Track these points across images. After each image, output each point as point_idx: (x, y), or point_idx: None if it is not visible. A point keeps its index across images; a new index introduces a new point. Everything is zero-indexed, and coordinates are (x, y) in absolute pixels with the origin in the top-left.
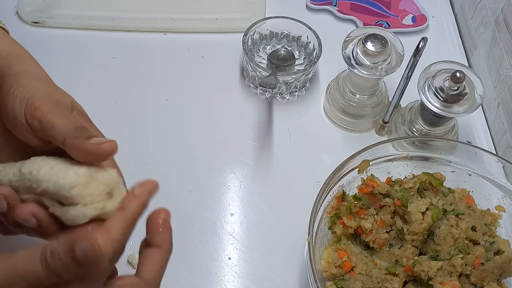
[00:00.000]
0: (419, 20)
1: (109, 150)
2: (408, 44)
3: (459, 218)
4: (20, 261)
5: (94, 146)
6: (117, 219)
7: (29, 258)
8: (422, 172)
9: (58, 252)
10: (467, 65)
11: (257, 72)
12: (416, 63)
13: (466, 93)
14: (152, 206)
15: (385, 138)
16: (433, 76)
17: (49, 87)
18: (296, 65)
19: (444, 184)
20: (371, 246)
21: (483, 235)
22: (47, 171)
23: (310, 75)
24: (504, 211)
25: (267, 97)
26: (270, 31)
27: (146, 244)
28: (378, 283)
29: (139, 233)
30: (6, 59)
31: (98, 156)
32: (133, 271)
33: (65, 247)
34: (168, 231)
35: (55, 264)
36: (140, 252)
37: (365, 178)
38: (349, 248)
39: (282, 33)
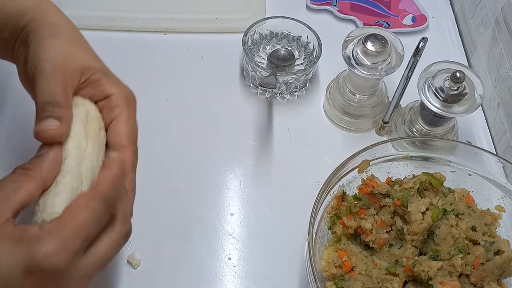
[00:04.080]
0: (419, 20)
1: (50, 138)
2: (408, 44)
3: (459, 218)
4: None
5: (38, 128)
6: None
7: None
8: (422, 172)
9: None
10: (467, 65)
11: (257, 72)
12: (416, 63)
13: (466, 93)
14: (152, 206)
15: (385, 138)
16: (433, 76)
17: (71, 45)
18: (296, 65)
19: (444, 184)
20: (371, 246)
21: (483, 235)
22: None
23: (310, 75)
24: (504, 211)
25: (267, 97)
26: (270, 31)
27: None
28: (378, 283)
29: (139, 232)
30: (33, 13)
31: (40, 139)
32: (133, 272)
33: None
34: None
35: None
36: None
37: (365, 178)
38: (349, 248)
39: (282, 33)
